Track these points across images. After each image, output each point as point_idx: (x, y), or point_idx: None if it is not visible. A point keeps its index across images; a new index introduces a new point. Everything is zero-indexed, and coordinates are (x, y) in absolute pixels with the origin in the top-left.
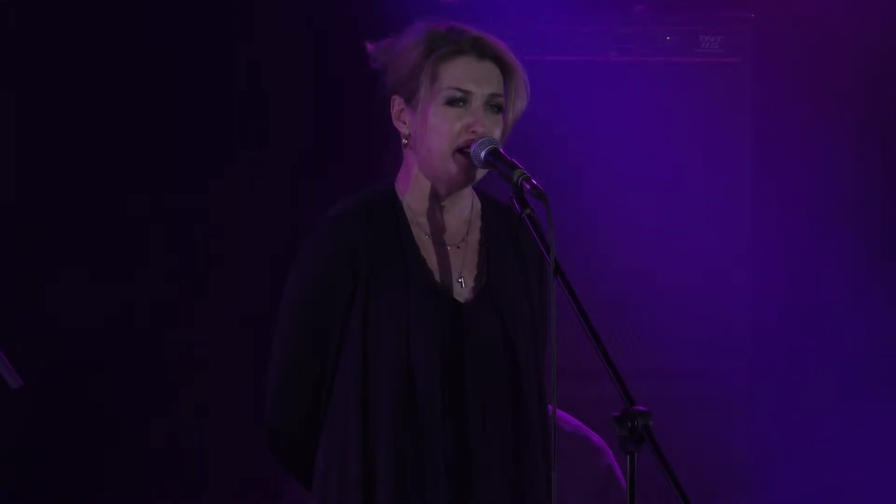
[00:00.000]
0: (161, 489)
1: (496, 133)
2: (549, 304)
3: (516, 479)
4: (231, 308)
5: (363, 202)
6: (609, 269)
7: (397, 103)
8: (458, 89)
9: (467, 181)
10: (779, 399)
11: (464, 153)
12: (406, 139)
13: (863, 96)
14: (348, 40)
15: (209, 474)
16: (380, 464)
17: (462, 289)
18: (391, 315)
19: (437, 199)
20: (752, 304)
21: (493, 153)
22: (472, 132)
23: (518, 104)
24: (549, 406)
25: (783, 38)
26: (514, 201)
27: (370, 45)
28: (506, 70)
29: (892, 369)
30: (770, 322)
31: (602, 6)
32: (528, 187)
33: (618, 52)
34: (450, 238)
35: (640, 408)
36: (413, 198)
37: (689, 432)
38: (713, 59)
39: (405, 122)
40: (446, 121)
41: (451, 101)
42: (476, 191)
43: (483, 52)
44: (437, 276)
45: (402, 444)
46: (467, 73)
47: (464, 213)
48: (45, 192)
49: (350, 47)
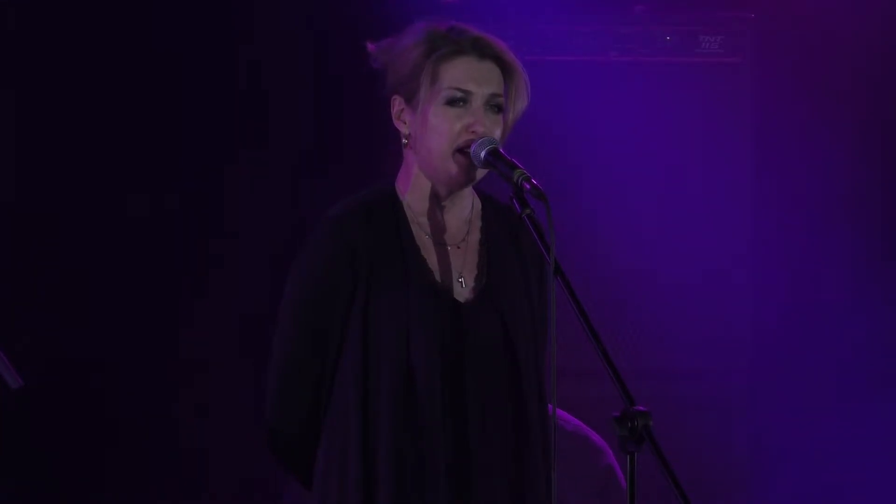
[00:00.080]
0: (161, 489)
1: (496, 133)
2: (549, 304)
3: (516, 479)
4: (231, 308)
5: (363, 202)
6: (609, 269)
7: (397, 103)
8: (458, 89)
9: (467, 181)
10: (779, 399)
11: (464, 153)
12: (406, 139)
13: (863, 96)
14: (348, 40)
15: (209, 474)
16: (380, 464)
17: (462, 289)
18: (391, 315)
19: (437, 199)
20: (752, 304)
21: (493, 153)
22: (473, 132)
23: (518, 104)
24: (549, 406)
25: (783, 38)
26: (514, 201)
27: (370, 45)
28: (506, 70)
29: (892, 369)
30: (770, 322)
31: (602, 6)
32: (528, 187)
33: (618, 52)
34: (450, 238)
35: (640, 408)
36: (413, 198)
37: (689, 432)
38: (713, 59)
39: (405, 122)
40: (446, 121)
41: (452, 101)
42: (476, 191)
43: (483, 52)
44: (437, 276)
45: (402, 444)
46: (468, 73)
47: (464, 213)
48: (45, 192)
49: (350, 47)
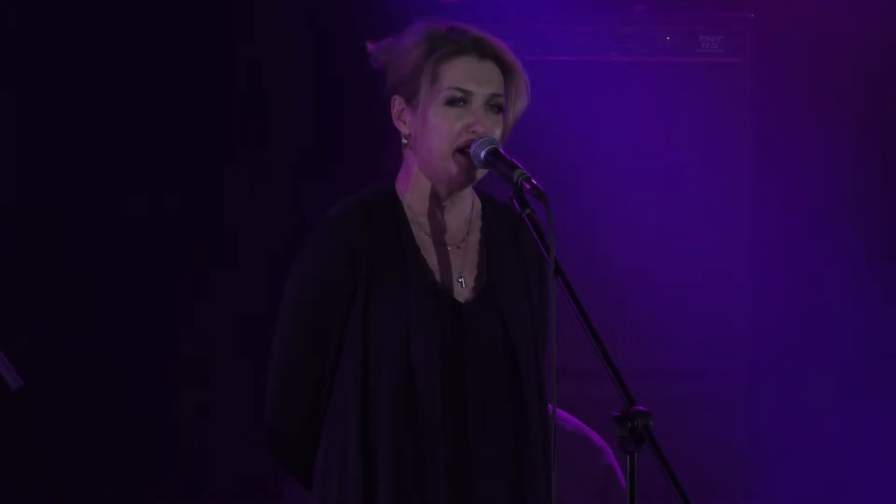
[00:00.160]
0: (161, 489)
1: (496, 133)
2: (549, 304)
3: (516, 479)
4: (231, 308)
5: (363, 202)
6: (609, 269)
7: (398, 103)
8: (458, 89)
9: (467, 181)
10: (779, 399)
11: (464, 153)
12: (406, 139)
13: (863, 96)
14: (348, 40)
15: (209, 474)
16: (380, 464)
17: (462, 289)
18: (391, 315)
19: (437, 199)
20: (752, 304)
21: (493, 153)
22: (473, 132)
23: (518, 104)
24: (550, 406)
25: (783, 38)
26: (514, 201)
27: (370, 45)
28: (506, 70)
29: (892, 369)
30: (770, 322)
31: (602, 6)
32: (528, 187)
33: (618, 52)
34: (450, 238)
35: (640, 408)
36: (413, 198)
37: (689, 432)
38: (713, 59)
39: (405, 122)
40: (446, 121)
41: (452, 101)
42: (476, 191)
43: (484, 52)
44: (437, 276)
45: (402, 444)
46: (468, 73)
47: (464, 213)
48: (45, 192)
49: (350, 47)
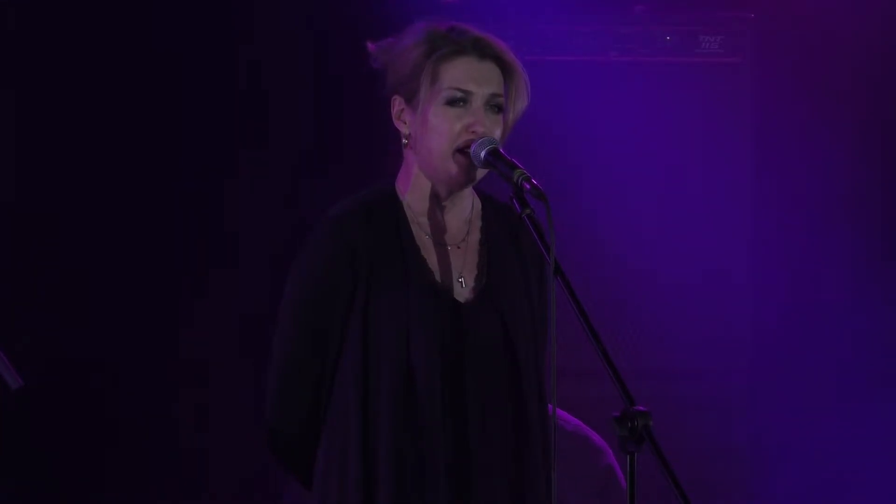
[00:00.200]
0: (161, 489)
1: (496, 133)
2: (549, 304)
3: (516, 479)
4: (231, 308)
5: (363, 202)
6: (609, 269)
7: (398, 103)
8: (458, 89)
9: (467, 181)
10: (779, 399)
11: (464, 153)
12: (406, 139)
13: (863, 96)
14: (348, 40)
15: (209, 474)
16: (380, 464)
17: (462, 289)
18: (391, 315)
19: (437, 199)
20: (752, 304)
21: (493, 153)
22: (473, 132)
23: (518, 104)
24: (550, 406)
25: (783, 38)
26: (514, 201)
27: (370, 45)
28: (506, 70)
29: (892, 369)
30: (770, 322)
31: (602, 6)
32: (528, 187)
33: (618, 52)
34: (450, 238)
35: (640, 408)
36: (413, 198)
37: (689, 432)
38: (713, 59)
39: (405, 122)
40: (446, 121)
41: (452, 101)
42: (476, 191)
43: (484, 52)
44: (437, 276)
45: (402, 444)
46: (468, 73)
47: (464, 213)
48: (45, 192)
49: (350, 47)
